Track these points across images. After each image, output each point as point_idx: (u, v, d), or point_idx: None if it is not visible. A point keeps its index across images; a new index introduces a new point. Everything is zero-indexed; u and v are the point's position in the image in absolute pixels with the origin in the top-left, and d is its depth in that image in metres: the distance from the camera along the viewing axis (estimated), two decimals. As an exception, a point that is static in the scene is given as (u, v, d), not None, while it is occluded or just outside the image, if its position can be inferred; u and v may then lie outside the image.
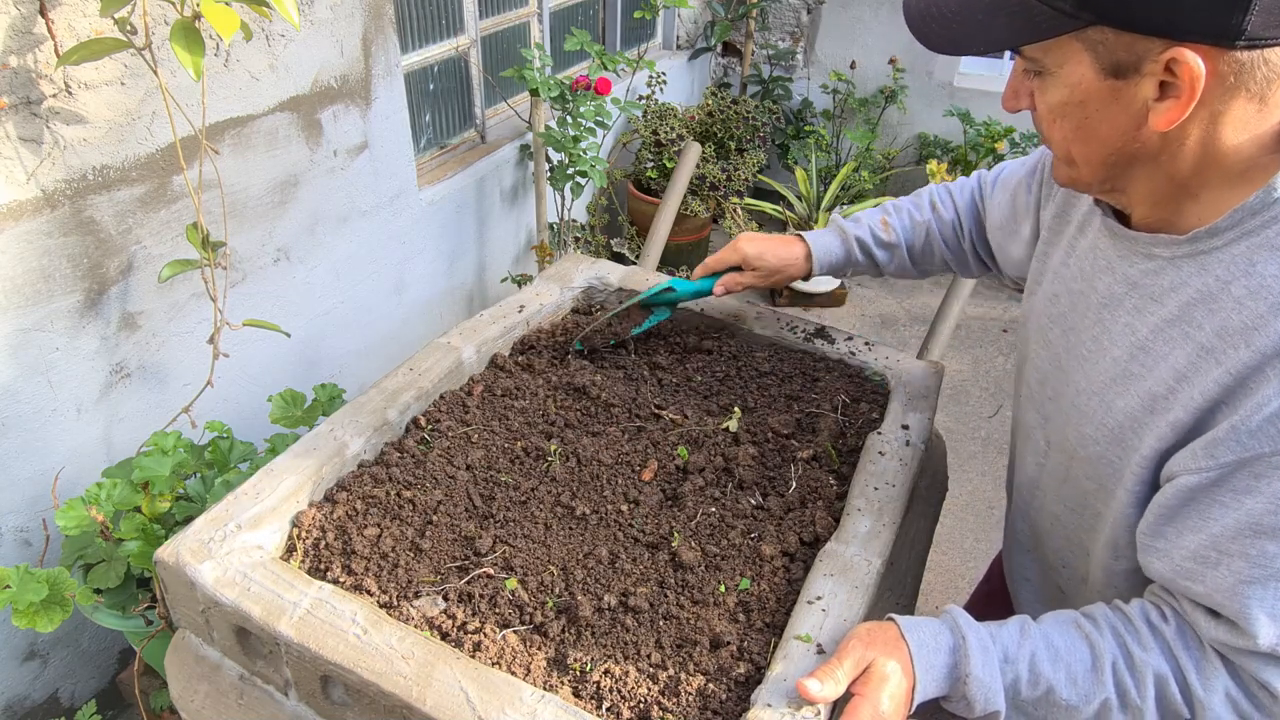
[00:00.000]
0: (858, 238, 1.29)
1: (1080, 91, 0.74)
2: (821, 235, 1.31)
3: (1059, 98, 0.76)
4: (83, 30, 1.42)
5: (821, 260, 1.30)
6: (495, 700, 0.79)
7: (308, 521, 1.01)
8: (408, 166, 2.37)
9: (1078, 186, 0.85)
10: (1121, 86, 0.71)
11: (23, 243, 1.44)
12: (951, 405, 3.03)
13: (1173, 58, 0.67)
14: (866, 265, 1.31)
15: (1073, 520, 0.98)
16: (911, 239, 1.28)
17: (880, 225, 1.29)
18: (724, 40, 4.05)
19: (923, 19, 0.80)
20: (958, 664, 0.82)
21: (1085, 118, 0.76)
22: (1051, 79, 0.76)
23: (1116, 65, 0.70)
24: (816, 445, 1.17)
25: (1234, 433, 0.71)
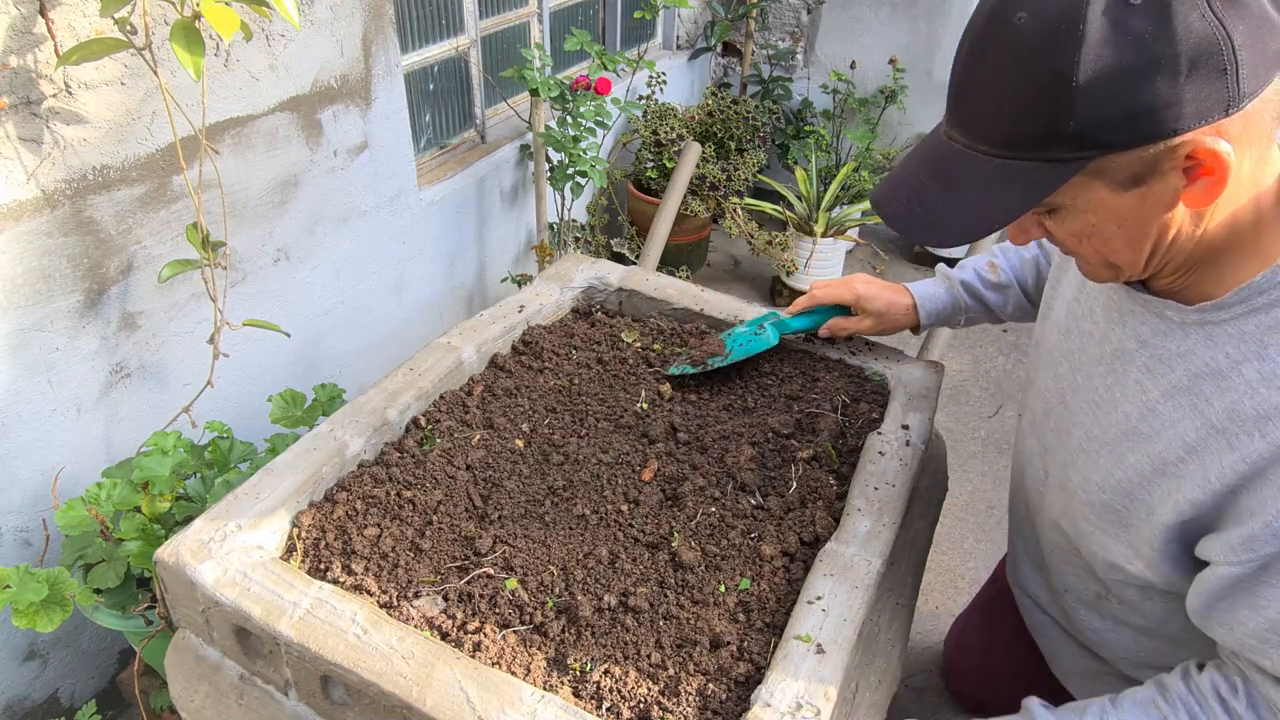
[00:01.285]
0: (962, 281, 1.27)
1: (1103, 212, 0.73)
2: (925, 283, 1.30)
3: (1082, 224, 0.75)
4: (83, 30, 1.42)
5: (926, 306, 1.27)
6: (495, 700, 0.79)
7: (308, 521, 1.01)
8: (408, 166, 2.37)
9: (1123, 279, 0.83)
10: (1145, 191, 0.70)
11: (23, 243, 1.44)
12: (951, 405, 3.03)
13: (1190, 151, 0.66)
14: (980, 310, 1.28)
15: (1070, 548, 1.00)
16: (1023, 277, 1.24)
17: (987, 268, 1.26)
18: (724, 40, 4.04)
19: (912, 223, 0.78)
20: None
21: (1117, 228, 0.74)
22: (1067, 212, 0.74)
23: (1134, 177, 0.69)
24: (816, 445, 1.17)
25: (1268, 529, 0.71)
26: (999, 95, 0.69)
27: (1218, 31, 0.62)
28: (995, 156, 0.71)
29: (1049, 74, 0.65)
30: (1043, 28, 0.65)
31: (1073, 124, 0.65)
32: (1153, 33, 0.62)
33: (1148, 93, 0.63)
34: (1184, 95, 0.63)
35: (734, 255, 4.05)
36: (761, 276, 3.86)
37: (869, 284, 1.30)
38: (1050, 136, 0.67)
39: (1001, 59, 0.68)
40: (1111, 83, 0.63)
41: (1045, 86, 0.65)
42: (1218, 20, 0.62)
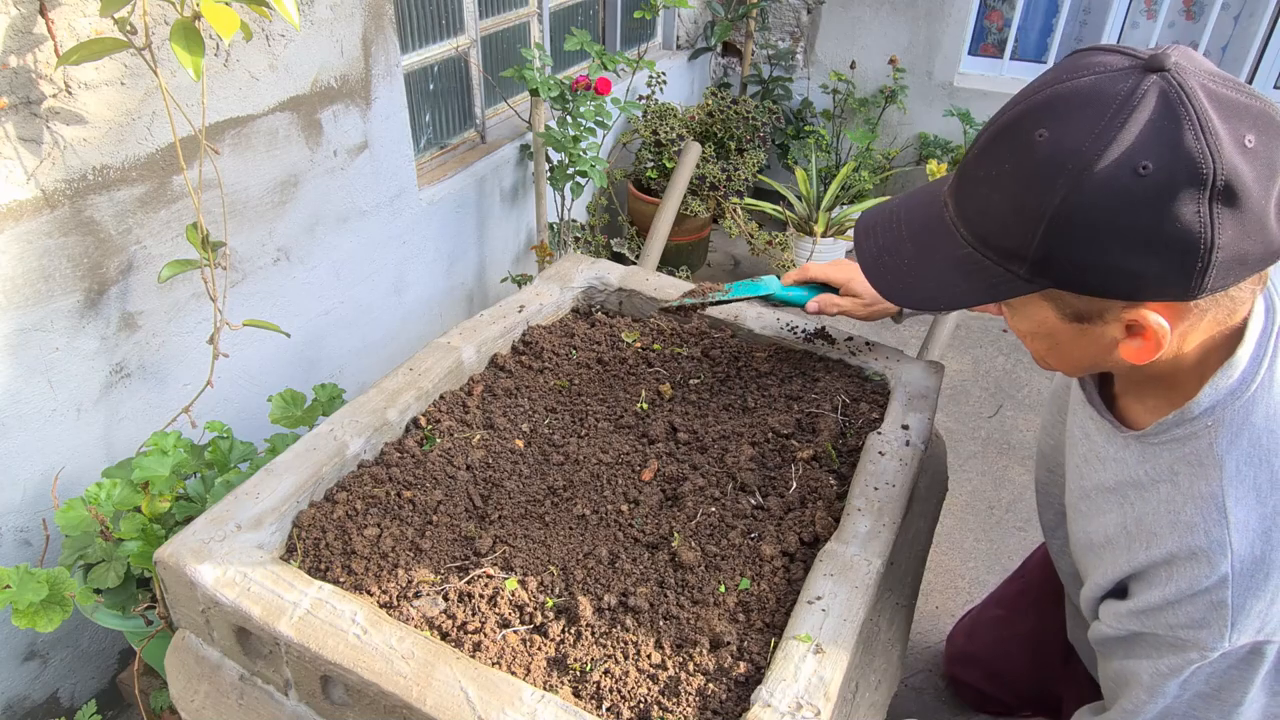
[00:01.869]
0: None
1: (1046, 328, 0.76)
2: None
3: (1026, 328, 0.79)
4: (83, 30, 1.42)
5: None
6: (495, 700, 0.79)
7: (308, 521, 1.01)
8: (408, 166, 2.37)
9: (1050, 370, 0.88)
10: (1087, 329, 0.73)
11: (23, 243, 1.44)
12: (951, 405, 3.02)
13: (1134, 318, 0.69)
14: None
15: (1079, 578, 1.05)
16: None
17: None
18: (724, 40, 4.04)
19: (878, 269, 0.82)
20: None
21: (1056, 344, 0.78)
22: (1015, 312, 0.78)
23: (1079, 314, 0.72)
24: (816, 445, 1.17)
25: (1135, 614, 0.82)
26: (990, 194, 0.71)
27: (1205, 231, 0.62)
28: (969, 245, 0.74)
29: (1037, 200, 0.66)
30: (1054, 154, 0.66)
31: (1041, 253, 0.68)
32: (1148, 208, 0.63)
33: (1119, 257, 0.65)
34: (1150, 272, 0.65)
35: (734, 255, 4.05)
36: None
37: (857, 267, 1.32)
38: (1017, 254, 0.69)
39: (1006, 163, 0.69)
40: (1091, 233, 0.65)
41: (1030, 209, 0.67)
42: (1210, 221, 0.62)
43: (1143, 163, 0.62)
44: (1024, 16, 3.80)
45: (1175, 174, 0.62)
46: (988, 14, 3.87)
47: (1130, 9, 3.58)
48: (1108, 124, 0.64)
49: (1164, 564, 0.79)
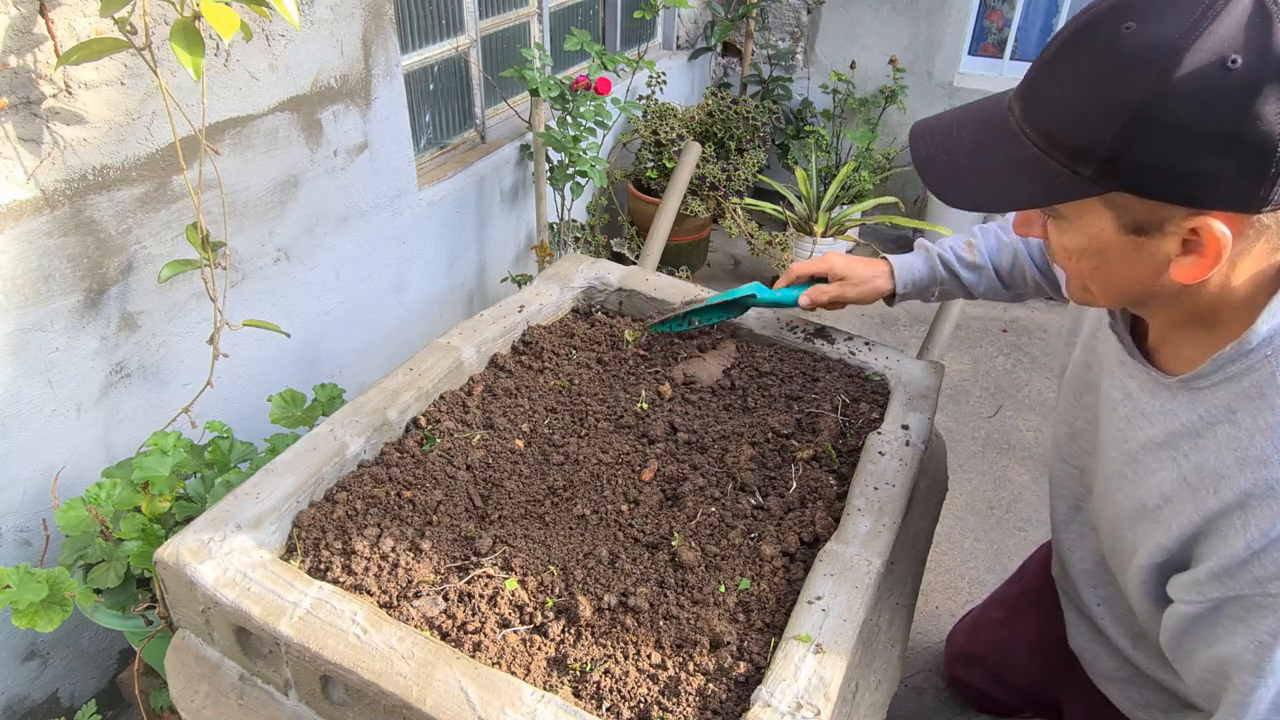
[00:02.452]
0: (940, 255, 1.28)
1: (1100, 242, 0.73)
2: (904, 255, 1.31)
3: (1076, 243, 0.76)
4: (83, 30, 1.42)
5: (904, 276, 1.29)
6: (495, 700, 0.79)
7: (308, 521, 1.01)
8: (408, 166, 2.37)
9: (1096, 305, 0.85)
10: (1143, 242, 0.71)
11: (23, 243, 1.44)
12: (951, 405, 3.03)
13: (1197, 226, 0.67)
14: (953, 285, 1.29)
15: (1105, 567, 1.01)
16: (998, 260, 1.26)
17: (964, 246, 1.28)
18: (724, 40, 4.04)
19: (932, 168, 0.79)
20: None
21: (1105, 263, 0.75)
22: (1069, 225, 0.75)
23: (1138, 224, 0.70)
24: (816, 445, 1.17)
25: (1214, 576, 0.75)
26: (1066, 90, 0.69)
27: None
28: (1034, 145, 0.71)
29: (1119, 93, 0.64)
30: (1142, 45, 0.64)
31: (1113, 151, 0.66)
32: (1232, 104, 0.61)
33: (1195, 159, 0.63)
34: (1222, 175, 0.63)
35: (734, 255, 4.05)
36: (761, 276, 3.86)
37: (844, 257, 1.32)
38: (1087, 153, 0.67)
39: (1087, 58, 0.67)
40: (1169, 129, 0.63)
41: (1110, 102, 0.65)
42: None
43: (1232, 56, 0.61)
44: (1024, 16, 3.81)
45: (1264, 71, 0.60)
46: (988, 14, 3.88)
47: (1130, 9, 3.58)
48: (1200, 17, 0.62)
49: (1238, 507, 0.74)
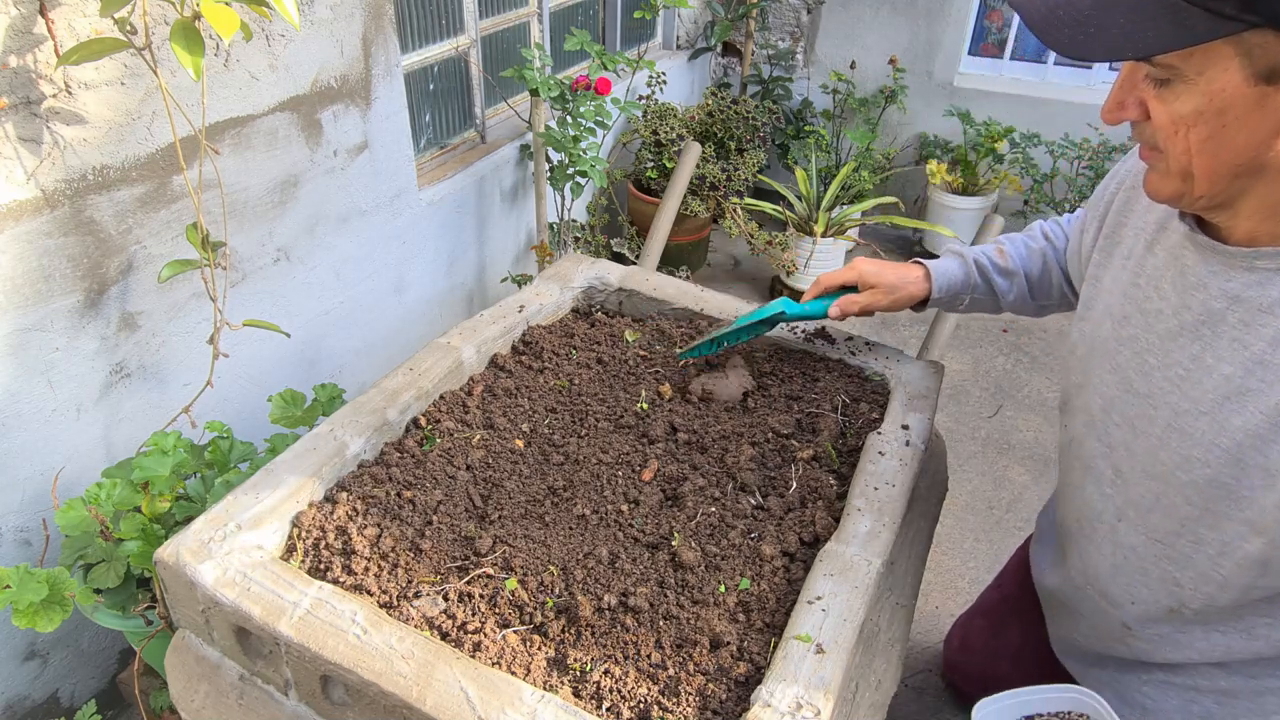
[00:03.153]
0: (975, 260, 1.25)
1: (1221, 99, 0.70)
2: (938, 260, 1.28)
3: (1192, 106, 0.72)
4: (83, 30, 1.42)
5: (941, 281, 1.25)
6: (495, 700, 0.79)
7: (308, 521, 1.01)
8: (408, 166, 2.37)
9: (1182, 203, 0.81)
10: (1270, 93, 0.68)
11: (23, 243, 1.44)
12: (951, 405, 3.03)
13: None
14: (985, 293, 1.26)
15: (1154, 551, 0.95)
16: (1029, 267, 1.24)
17: (996, 253, 1.25)
18: (724, 40, 4.05)
19: (1050, 23, 0.73)
20: None
21: (1221, 126, 0.71)
22: (1186, 86, 0.71)
23: (1271, 70, 0.66)
24: (816, 445, 1.17)
25: None
26: None
27: None
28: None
29: None
30: None
31: None
32: None
33: None
34: None
35: (734, 255, 4.05)
36: (761, 276, 3.86)
37: (872, 262, 1.29)
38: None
39: None
40: None
41: None
42: None
43: None
44: (1024, 16, 3.80)
45: None
46: (988, 14, 3.88)
47: (1130, 9, 3.58)
48: None
49: None
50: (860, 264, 1.28)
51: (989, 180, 3.79)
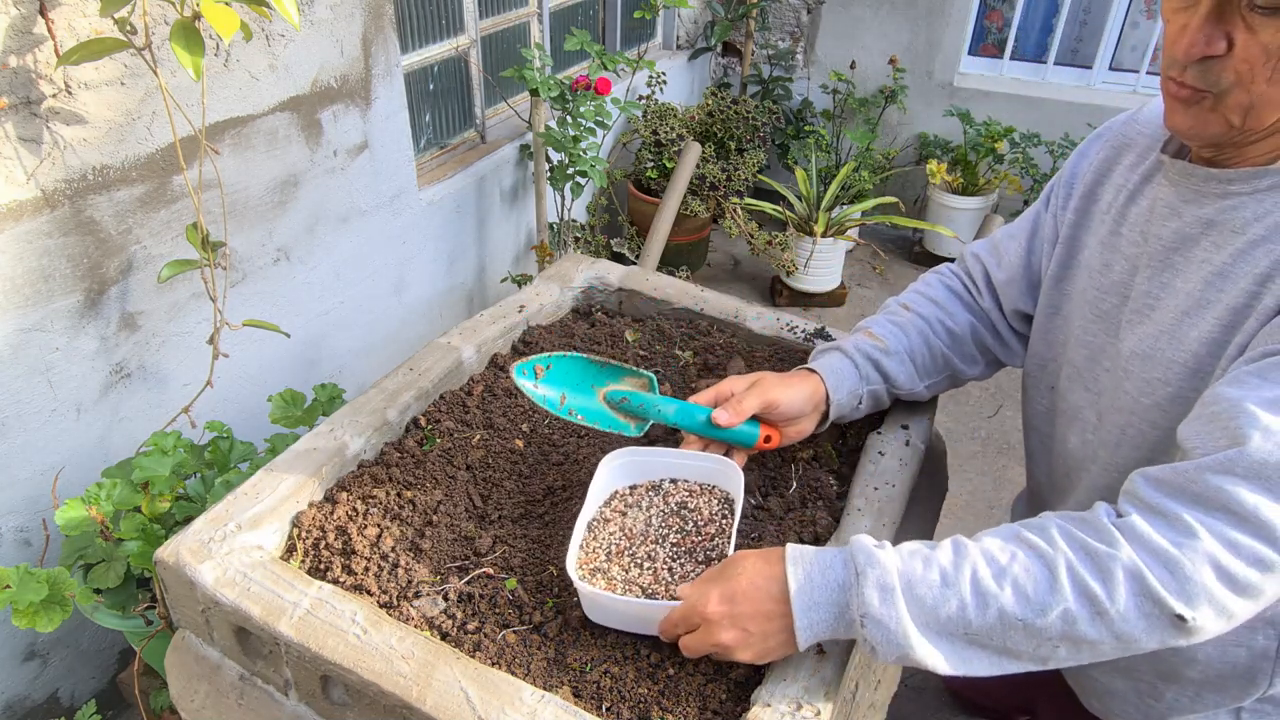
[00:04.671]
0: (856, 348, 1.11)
1: None
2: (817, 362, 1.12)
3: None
4: (83, 30, 1.42)
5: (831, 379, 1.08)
6: (495, 700, 0.79)
7: (308, 521, 1.01)
8: (407, 166, 2.37)
9: (1224, 139, 0.80)
10: None
11: (23, 243, 1.44)
12: (951, 405, 3.03)
13: None
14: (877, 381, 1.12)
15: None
16: (910, 346, 1.13)
17: (866, 338, 1.13)
18: (724, 40, 4.05)
19: None
20: (850, 603, 0.77)
21: None
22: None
23: None
24: (816, 445, 1.17)
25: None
26: None
27: None
28: None
29: None
30: None
31: None
32: None
33: None
34: None
35: (734, 255, 4.05)
36: (761, 276, 3.86)
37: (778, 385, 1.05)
38: None
39: None
40: None
41: None
42: None
43: None
44: (1024, 16, 3.81)
45: None
46: (988, 14, 3.88)
47: (1130, 9, 3.59)
48: None
49: None
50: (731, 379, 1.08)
51: (989, 180, 3.79)
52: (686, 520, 1.00)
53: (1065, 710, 1.17)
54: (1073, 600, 0.72)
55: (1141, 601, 0.71)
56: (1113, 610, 0.72)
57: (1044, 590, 0.73)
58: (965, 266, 1.21)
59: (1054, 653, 0.75)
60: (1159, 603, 0.71)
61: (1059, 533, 0.76)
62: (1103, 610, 0.72)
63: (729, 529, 0.96)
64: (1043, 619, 0.73)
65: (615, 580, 0.92)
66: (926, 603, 0.75)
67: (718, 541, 0.96)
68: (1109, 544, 0.73)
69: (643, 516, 1.01)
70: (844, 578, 0.78)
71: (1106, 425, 0.96)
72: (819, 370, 1.09)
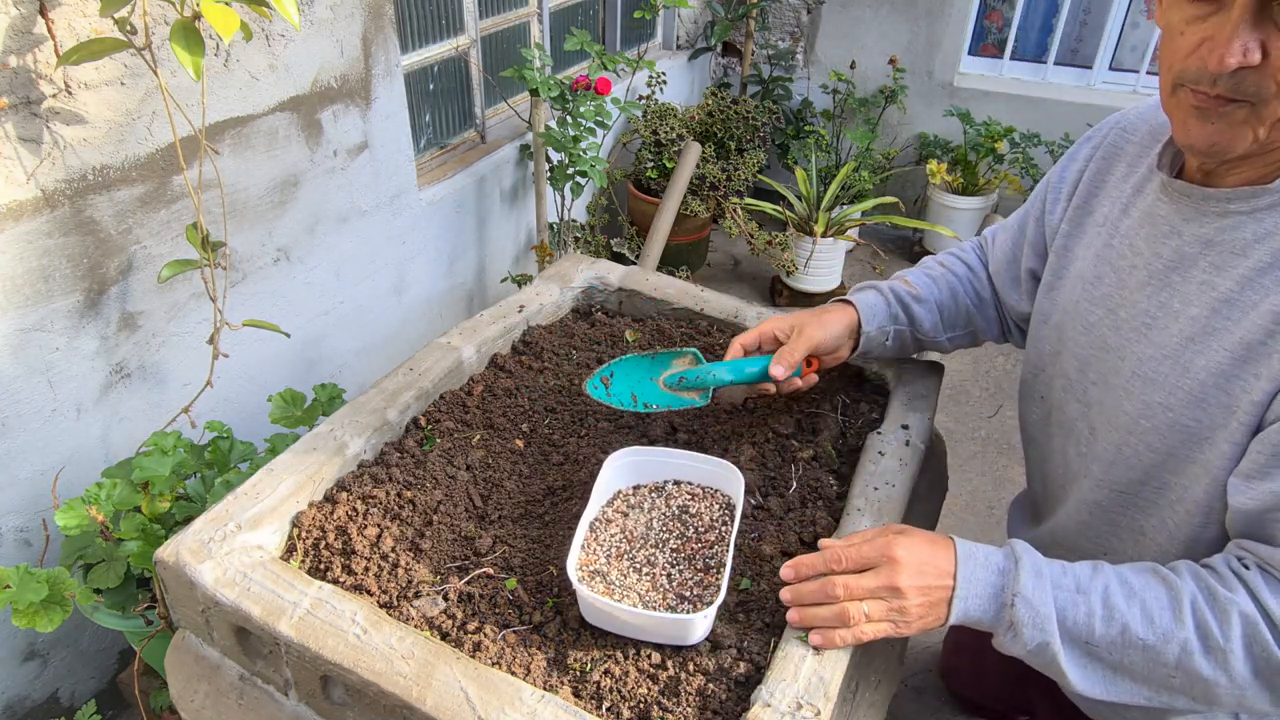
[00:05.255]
0: (891, 290, 1.19)
1: None
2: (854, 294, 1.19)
3: None
4: (83, 30, 1.42)
5: (865, 311, 1.16)
6: (495, 700, 0.79)
7: (308, 521, 1.01)
8: (408, 166, 2.37)
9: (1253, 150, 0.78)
10: None
11: (23, 243, 1.44)
12: (951, 405, 3.03)
13: None
14: (905, 324, 1.19)
15: (1119, 502, 0.96)
16: (939, 296, 1.20)
17: (902, 284, 1.20)
18: (724, 40, 4.05)
19: None
20: (1006, 585, 0.82)
21: None
22: None
23: None
24: (816, 445, 1.17)
25: None
26: None
27: None
28: None
29: None
30: None
31: None
32: None
33: None
34: None
35: (734, 255, 4.05)
36: (761, 276, 3.86)
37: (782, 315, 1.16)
38: None
39: None
40: None
41: None
42: None
43: None
44: (1024, 16, 3.81)
45: None
46: (988, 14, 3.88)
47: (1130, 9, 3.59)
48: None
49: None
50: (772, 320, 1.16)
51: (989, 180, 3.79)
52: (687, 525, 1.00)
53: (1064, 711, 1.16)
54: (1192, 632, 0.77)
55: (1251, 645, 0.76)
56: (1226, 647, 0.76)
57: (1168, 617, 0.78)
58: (983, 246, 1.27)
59: (1169, 682, 0.79)
60: (1267, 650, 0.75)
61: (1188, 571, 0.81)
62: (1215, 646, 0.76)
63: (728, 536, 0.97)
64: (1163, 644, 0.77)
65: (614, 585, 0.92)
66: (1059, 601, 0.80)
67: (717, 549, 0.97)
68: (1229, 589, 0.78)
69: (644, 519, 1.01)
70: (1003, 564, 0.83)
71: (1101, 441, 0.97)
72: (854, 302, 1.16)
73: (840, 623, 0.83)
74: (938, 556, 0.84)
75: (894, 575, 0.82)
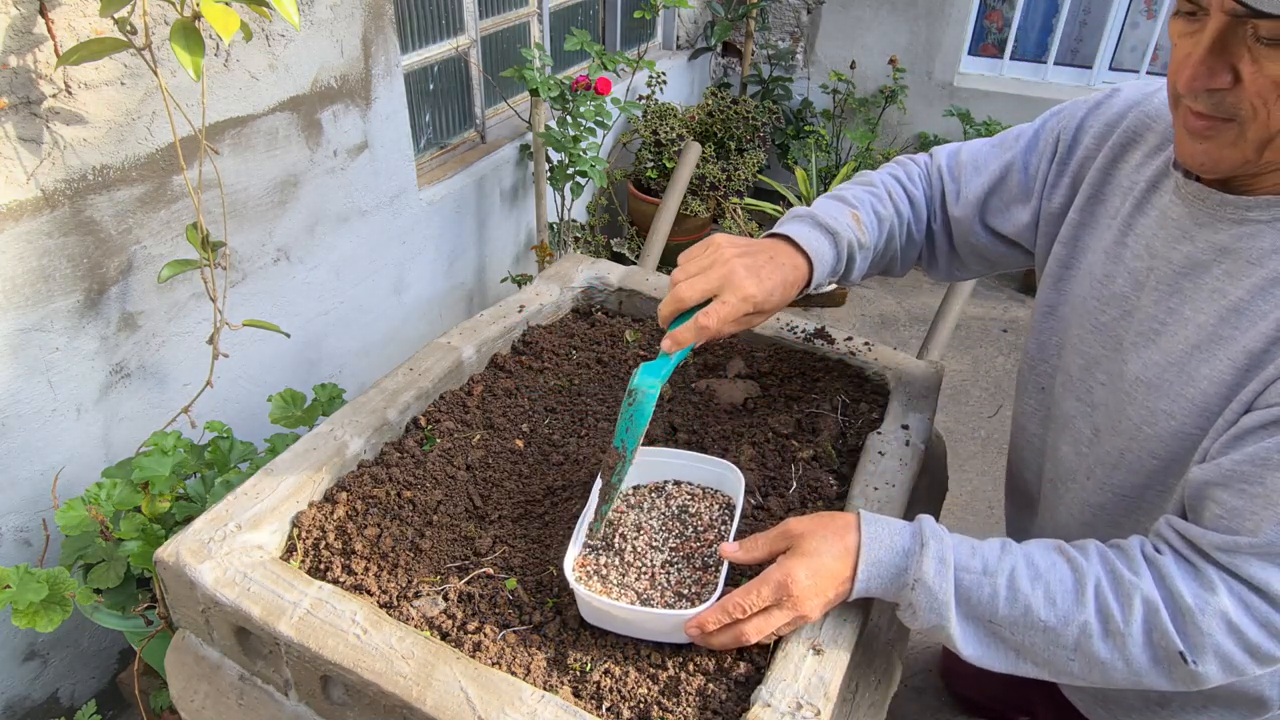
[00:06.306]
0: (848, 242, 1.06)
1: None
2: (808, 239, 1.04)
3: None
4: (83, 30, 1.42)
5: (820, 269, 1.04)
6: (495, 700, 0.79)
7: (308, 521, 1.01)
8: (407, 166, 2.37)
9: (1240, 170, 0.78)
10: None
11: (23, 243, 1.44)
12: (951, 405, 3.03)
13: None
14: (842, 276, 1.10)
15: (1123, 506, 0.95)
16: (877, 242, 1.11)
17: (857, 228, 1.08)
18: (724, 40, 4.05)
19: None
20: (909, 567, 0.82)
21: None
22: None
23: None
24: (816, 445, 1.17)
25: None
26: None
27: None
28: None
29: None
30: None
31: None
32: None
33: None
34: None
35: (734, 255, 4.04)
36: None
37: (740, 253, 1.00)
38: None
39: None
40: None
41: None
42: None
43: None
44: (1024, 16, 3.81)
45: None
46: (988, 14, 3.88)
47: (1130, 9, 3.59)
48: None
49: None
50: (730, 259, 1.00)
51: (989, 180, 3.78)
52: (686, 525, 1.00)
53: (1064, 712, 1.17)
54: (1092, 615, 0.77)
55: (1151, 631, 0.76)
56: (1125, 631, 0.76)
57: (1070, 600, 0.78)
58: (932, 179, 1.17)
59: (1068, 665, 0.79)
60: (1166, 637, 0.75)
61: (1096, 553, 0.81)
62: (1115, 630, 0.76)
63: (728, 535, 0.97)
64: (1063, 626, 0.77)
65: (611, 584, 0.92)
66: (964, 584, 0.81)
67: (716, 549, 0.97)
68: (1135, 572, 0.78)
69: (644, 519, 1.01)
70: (909, 545, 0.84)
71: (1104, 444, 0.96)
72: (811, 256, 1.02)
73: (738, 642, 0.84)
74: (836, 562, 0.83)
75: (796, 606, 0.82)
